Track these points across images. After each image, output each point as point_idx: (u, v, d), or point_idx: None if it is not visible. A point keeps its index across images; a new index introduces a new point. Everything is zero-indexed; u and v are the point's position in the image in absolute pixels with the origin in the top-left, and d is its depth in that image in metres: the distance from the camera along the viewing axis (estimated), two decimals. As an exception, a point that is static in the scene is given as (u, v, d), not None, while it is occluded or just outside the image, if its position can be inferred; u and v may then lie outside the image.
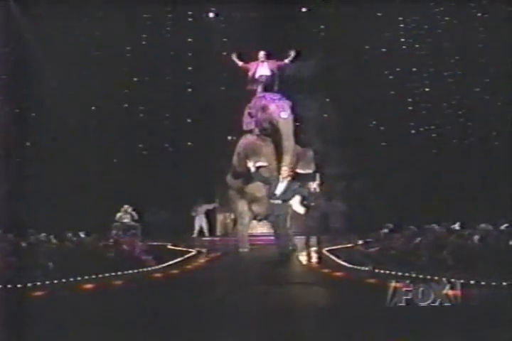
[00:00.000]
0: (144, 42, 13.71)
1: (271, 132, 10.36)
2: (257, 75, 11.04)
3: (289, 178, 8.32)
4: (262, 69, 11.07)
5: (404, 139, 13.75)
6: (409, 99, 13.74)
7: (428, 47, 13.19)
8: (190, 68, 14.32)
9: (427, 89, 13.52)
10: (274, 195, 8.09)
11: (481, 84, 12.70)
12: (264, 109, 10.44)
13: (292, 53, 11.07)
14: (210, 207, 14.60)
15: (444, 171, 12.99)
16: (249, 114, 10.90)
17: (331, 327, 4.24)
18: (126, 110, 14.41)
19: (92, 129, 13.99)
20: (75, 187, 12.95)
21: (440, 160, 13.28)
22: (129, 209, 12.68)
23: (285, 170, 8.44)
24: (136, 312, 4.68)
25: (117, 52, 13.18)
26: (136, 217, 12.73)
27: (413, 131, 13.86)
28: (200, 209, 14.54)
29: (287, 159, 9.79)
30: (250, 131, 10.90)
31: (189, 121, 15.03)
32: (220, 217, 14.89)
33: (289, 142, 9.98)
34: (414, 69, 13.62)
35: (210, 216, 14.73)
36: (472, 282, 5.42)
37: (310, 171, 10.97)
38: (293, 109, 10.32)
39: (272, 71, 11.04)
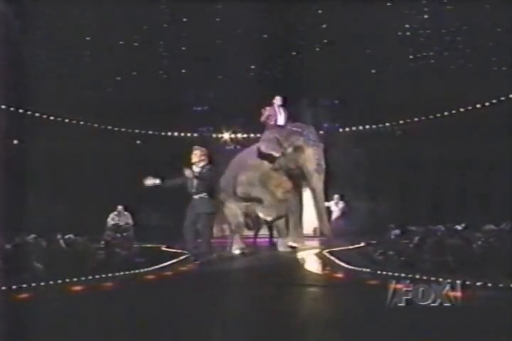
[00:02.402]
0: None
1: (296, 175, 9.67)
2: (277, 123, 10.23)
3: (202, 163, 8.05)
4: (281, 118, 10.23)
5: (402, 66, 13.35)
6: (407, 25, 13.38)
7: None
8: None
9: (426, 16, 13.15)
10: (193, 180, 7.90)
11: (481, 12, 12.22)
12: (297, 149, 9.46)
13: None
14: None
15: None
16: (278, 140, 9.72)
17: (329, 327, 4.08)
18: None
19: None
20: (68, 188, 12.80)
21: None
22: (123, 210, 12.51)
23: (196, 154, 8.10)
24: (128, 315, 4.52)
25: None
26: (130, 218, 12.57)
27: (411, 57, 13.42)
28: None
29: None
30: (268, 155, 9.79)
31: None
32: (216, 219, 14.67)
33: (321, 204, 9.49)
34: None
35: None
36: (479, 284, 5.29)
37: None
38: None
39: (285, 120, 10.29)
